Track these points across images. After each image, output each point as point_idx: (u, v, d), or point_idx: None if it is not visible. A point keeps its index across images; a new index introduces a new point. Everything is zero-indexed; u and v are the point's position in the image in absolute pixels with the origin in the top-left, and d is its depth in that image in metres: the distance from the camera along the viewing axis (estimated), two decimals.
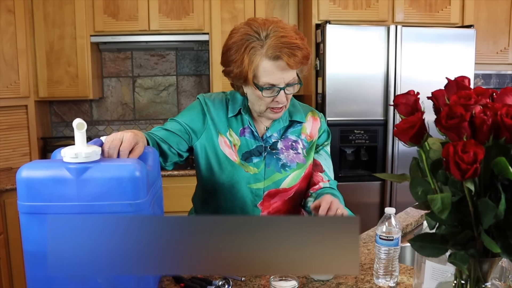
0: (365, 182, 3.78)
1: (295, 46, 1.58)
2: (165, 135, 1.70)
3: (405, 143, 0.91)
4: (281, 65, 1.59)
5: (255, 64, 1.60)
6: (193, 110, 1.80)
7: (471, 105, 0.83)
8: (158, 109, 4.45)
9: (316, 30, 3.82)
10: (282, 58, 1.57)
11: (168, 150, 1.70)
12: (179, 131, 1.74)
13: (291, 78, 1.63)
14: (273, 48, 1.58)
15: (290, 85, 1.65)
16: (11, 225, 3.29)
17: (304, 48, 1.61)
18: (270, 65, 1.60)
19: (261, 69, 1.61)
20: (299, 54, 1.58)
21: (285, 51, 1.57)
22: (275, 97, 1.65)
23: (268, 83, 1.62)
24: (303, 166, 1.80)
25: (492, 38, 4.18)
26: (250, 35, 1.61)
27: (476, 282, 0.94)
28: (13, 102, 3.70)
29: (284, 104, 1.69)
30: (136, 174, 1.22)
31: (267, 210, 1.78)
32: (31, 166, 1.22)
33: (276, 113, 1.71)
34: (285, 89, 1.64)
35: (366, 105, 3.68)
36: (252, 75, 1.61)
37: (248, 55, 1.60)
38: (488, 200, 0.82)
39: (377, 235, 1.50)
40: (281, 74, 1.61)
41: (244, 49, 1.61)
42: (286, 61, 1.57)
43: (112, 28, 3.88)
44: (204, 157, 1.78)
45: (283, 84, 1.63)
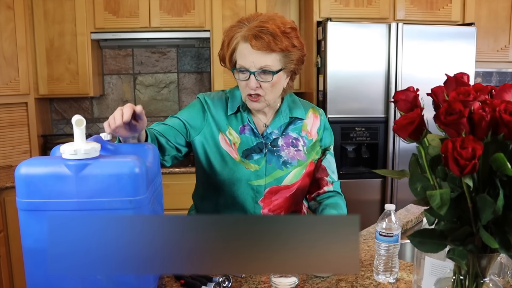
0: (366, 179, 3.78)
1: (265, 30, 1.60)
2: (162, 129, 1.72)
3: (404, 139, 0.91)
4: (250, 48, 1.62)
5: (232, 46, 1.67)
6: (193, 108, 1.81)
7: (470, 102, 0.83)
8: (159, 107, 4.45)
9: (317, 27, 3.82)
10: (248, 40, 1.61)
11: (165, 143, 1.71)
12: (178, 125, 1.76)
13: (263, 64, 1.63)
14: (246, 31, 1.62)
15: (265, 72, 1.65)
16: (11, 223, 3.29)
17: (283, 37, 1.62)
18: (243, 48, 1.64)
19: (238, 51, 1.67)
20: (266, 38, 1.59)
21: (252, 33, 1.60)
22: (247, 82, 1.67)
23: (240, 65, 1.66)
24: (304, 163, 1.80)
25: (493, 36, 4.18)
26: (241, 22, 1.67)
27: (475, 277, 0.95)
28: (13, 100, 3.69)
29: (259, 93, 1.68)
30: (135, 171, 1.22)
31: (268, 207, 1.78)
32: (30, 163, 1.22)
33: (252, 101, 1.71)
34: (257, 75, 1.65)
35: (367, 102, 3.68)
36: (231, 57, 1.69)
37: (228, 38, 1.68)
38: (486, 196, 0.82)
39: (377, 231, 1.50)
40: (251, 57, 1.63)
41: (229, 34, 1.69)
42: (250, 42, 1.60)
43: (112, 25, 3.88)
44: (203, 154, 1.78)
45: (253, 68, 1.64)
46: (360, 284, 1.50)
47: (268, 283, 1.48)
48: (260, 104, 1.72)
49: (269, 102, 1.73)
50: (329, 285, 1.49)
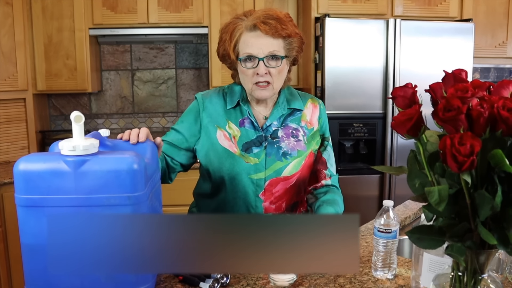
0: (364, 175, 3.78)
1: (270, 15, 1.67)
2: (166, 149, 1.81)
3: (403, 135, 0.92)
4: (258, 34, 1.67)
5: (235, 38, 1.70)
6: (189, 115, 1.85)
7: (468, 98, 0.83)
8: (157, 102, 4.45)
9: (315, 23, 3.82)
10: (258, 26, 1.65)
11: (171, 162, 1.81)
12: (179, 141, 1.82)
13: (271, 49, 1.67)
14: (251, 20, 1.67)
15: (273, 58, 1.68)
16: (9, 219, 3.29)
17: (287, 22, 1.69)
18: (249, 37, 1.68)
19: (241, 42, 1.70)
20: (273, 22, 1.65)
21: (260, 20, 1.65)
22: (255, 70, 1.68)
23: (247, 53, 1.68)
24: (303, 153, 1.80)
25: (491, 31, 4.18)
26: (239, 18, 1.72)
27: (473, 273, 0.95)
28: (11, 95, 3.68)
29: (268, 80, 1.71)
30: (134, 167, 1.22)
31: (269, 199, 1.78)
32: (28, 159, 1.22)
33: (262, 88, 1.72)
34: (266, 61, 1.68)
35: (365, 98, 3.68)
36: (234, 50, 1.71)
37: (230, 32, 1.71)
38: (484, 192, 0.82)
39: (375, 227, 1.50)
40: (259, 43, 1.67)
41: (229, 29, 1.72)
42: (259, 27, 1.65)
43: (110, 21, 3.86)
44: (204, 153, 1.80)
45: (262, 54, 1.67)
46: (359, 280, 1.50)
47: (267, 279, 1.48)
48: (268, 92, 1.74)
49: (276, 90, 1.76)
50: (328, 281, 1.49)
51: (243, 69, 1.71)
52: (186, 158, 1.84)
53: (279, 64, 1.70)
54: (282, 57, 1.69)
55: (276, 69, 1.69)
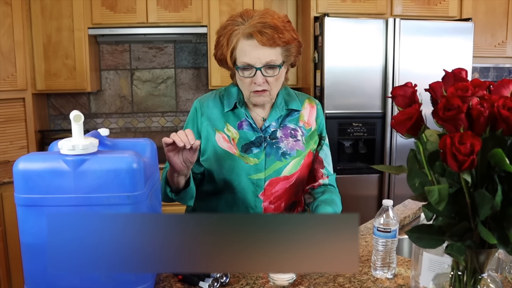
0: (363, 175, 3.78)
1: (267, 25, 1.63)
2: None
3: (402, 134, 0.91)
4: (255, 43, 1.64)
5: (232, 45, 1.67)
6: (189, 125, 1.85)
7: (468, 97, 0.83)
8: (156, 102, 4.45)
9: (314, 22, 3.81)
10: (254, 37, 1.62)
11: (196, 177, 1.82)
12: None
13: (268, 59, 1.65)
14: (248, 28, 1.63)
15: (270, 67, 1.67)
16: (8, 219, 3.29)
17: (284, 30, 1.65)
18: (246, 45, 1.65)
19: (239, 49, 1.67)
20: (270, 32, 1.62)
21: (257, 29, 1.62)
22: (253, 79, 1.68)
23: (244, 62, 1.66)
24: (302, 153, 1.81)
25: (490, 31, 4.18)
26: (236, 20, 1.68)
27: (473, 273, 0.95)
28: (11, 95, 3.68)
29: (265, 88, 1.70)
30: (133, 166, 1.22)
31: (269, 199, 1.78)
32: (28, 158, 1.21)
33: (259, 95, 1.72)
34: (263, 70, 1.67)
35: (364, 98, 3.68)
36: (231, 56, 1.68)
37: (227, 37, 1.68)
38: (485, 192, 0.82)
39: (375, 227, 1.50)
40: (256, 53, 1.64)
41: (226, 32, 1.69)
42: (256, 38, 1.62)
43: (110, 20, 3.86)
44: (204, 155, 1.80)
45: (259, 64, 1.65)
46: (358, 279, 1.50)
47: (266, 278, 1.48)
48: (266, 98, 1.74)
49: (274, 95, 1.76)
50: (327, 280, 1.49)
51: (241, 77, 1.71)
52: (198, 170, 1.84)
53: (276, 73, 1.69)
54: (280, 66, 1.69)
55: (273, 78, 1.69)
